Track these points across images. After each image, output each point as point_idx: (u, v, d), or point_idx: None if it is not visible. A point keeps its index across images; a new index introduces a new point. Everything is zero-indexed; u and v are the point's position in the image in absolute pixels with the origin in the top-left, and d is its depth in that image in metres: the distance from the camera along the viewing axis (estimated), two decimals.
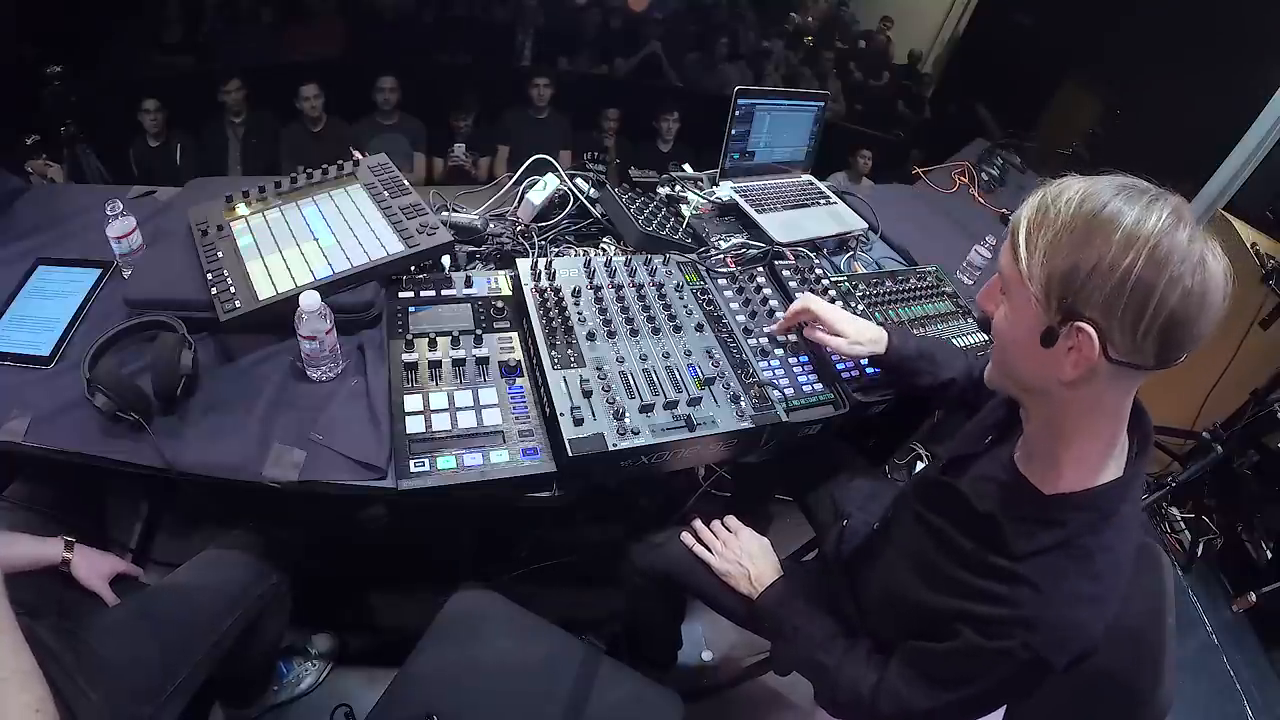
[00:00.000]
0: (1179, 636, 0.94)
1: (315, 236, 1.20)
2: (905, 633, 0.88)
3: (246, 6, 4.16)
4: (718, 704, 1.60)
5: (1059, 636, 0.70)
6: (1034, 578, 0.71)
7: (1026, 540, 0.73)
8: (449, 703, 1.05)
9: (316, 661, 1.55)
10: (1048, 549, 0.72)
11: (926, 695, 0.81)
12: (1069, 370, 0.65)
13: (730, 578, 1.18)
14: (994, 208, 2.18)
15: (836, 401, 1.21)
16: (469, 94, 3.89)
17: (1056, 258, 0.63)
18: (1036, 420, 0.76)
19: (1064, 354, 0.65)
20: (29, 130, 2.57)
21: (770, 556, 1.21)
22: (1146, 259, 0.59)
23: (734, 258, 1.45)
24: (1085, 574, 0.70)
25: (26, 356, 1.09)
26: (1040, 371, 0.69)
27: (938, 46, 5.74)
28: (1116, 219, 0.61)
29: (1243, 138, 2.41)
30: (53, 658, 0.87)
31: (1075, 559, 0.71)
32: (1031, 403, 0.76)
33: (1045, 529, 0.72)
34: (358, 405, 1.07)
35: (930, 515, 0.88)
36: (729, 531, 1.24)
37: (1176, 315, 0.59)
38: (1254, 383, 2.41)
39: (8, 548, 1.00)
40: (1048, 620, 0.70)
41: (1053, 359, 0.66)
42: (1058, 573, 0.71)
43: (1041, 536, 0.72)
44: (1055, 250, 0.64)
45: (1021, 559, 0.72)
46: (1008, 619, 0.71)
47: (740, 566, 1.18)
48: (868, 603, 1.03)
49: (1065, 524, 0.72)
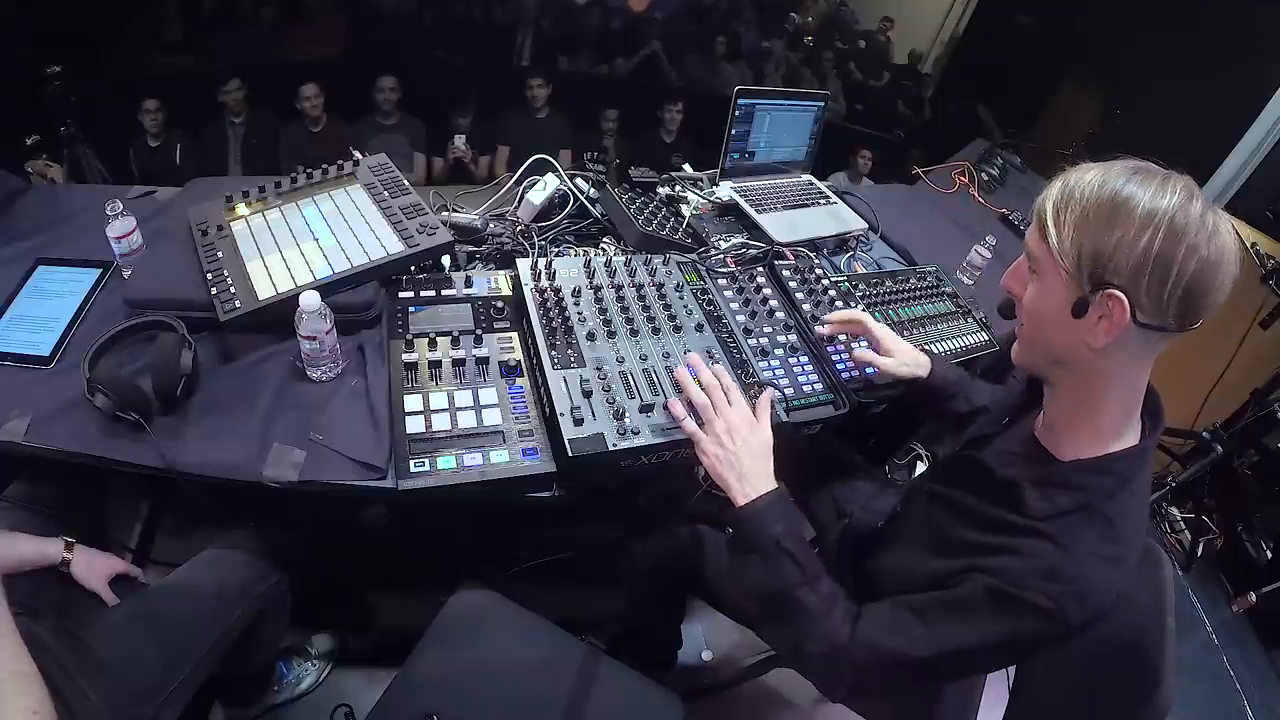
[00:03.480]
0: (1179, 636, 0.94)
1: (315, 236, 1.20)
2: None
3: (246, 6, 4.16)
4: (718, 704, 1.60)
5: (1078, 590, 0.71)
6: (1055, 533, 0.73)
7: (1048, 503, 0.75)
8: (449, 703, 1.05)
9: (316, 661, 1.55)
10: (1068, 511, 0.74)
11: (916, 639, 0.77)
12: (1100, 337, 0.70)
13: (718, 464, 0.93)
14: (994, 208, 2.18)
15: (836, 401, 1.21)
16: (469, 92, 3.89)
17: (1085, 235, 0.69)
18: (1062, 392, 0.79)
19: (1094, 322, 0.70)
20: (29, 130, 2.57)
21: (769, 459, 0.96)
22: (1166, 231, 0.65)
23: (734, 258, 1.45)
24: (1104, 535, 0.73)
25: (26, 356, 1.09)
26: (1071, 341, 0.73)
27: (938, 46, 5.74)
28: (1135, 197, 0.67)
29: (1243, 138, 2.41)
30: (53, 658, 0.86)
31: (1094, 521, 0.74)
32: (1059, 375, 0.79)
33: (1065, 492, 0.76)
34: (358, 405, 1.07)
35: (948, 490, 0.90)
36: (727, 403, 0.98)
37: (1196, 281, 0.65)
38: (1254, 383, 2.42)
39: (8, 548, 1.00)
40: (1067, 573, 0.71)
41: (1084, 327, 0.71)
42: (1077, 531, 0.73)
43: (1061, 499, 0.75)
44: (1083, 228, 0.69)
45: (1042, 520, 0.75)
46: (1028, 569, 0.73)
47: (731, 453, 0.93)
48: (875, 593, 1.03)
49: (1085, 488, 0.75)
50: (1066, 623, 0.71)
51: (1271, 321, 2.24)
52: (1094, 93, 4.00)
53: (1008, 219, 2.12)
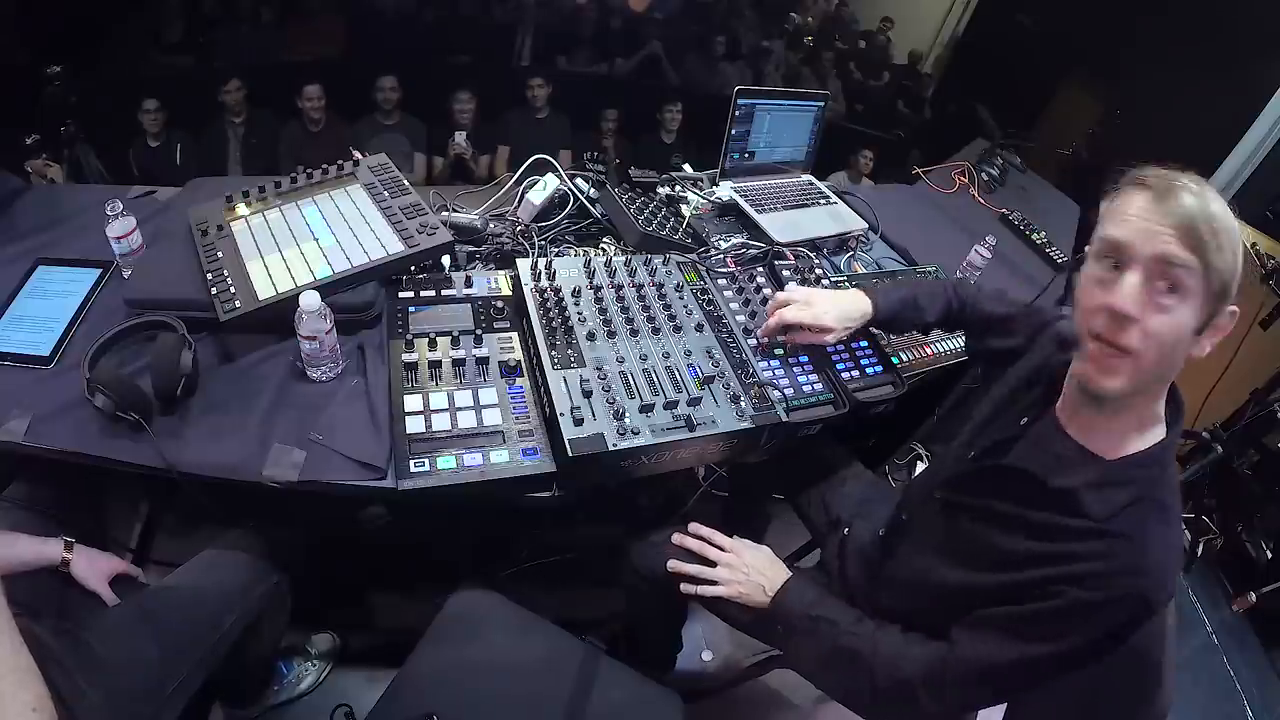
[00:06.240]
0: (1179, 636, 0.94)
1: (315, 236, 1.20)
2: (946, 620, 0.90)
3: (246, 6, 4.15)
4: (718, 704, 1.60)
5: (1159, 578, 0.75)
6: (1124, 530, 0.76)
7: (1104, 504, 0.78)
8: (449, 703, 1.05)
9: (316, 661, 1.55)
10: (1125, 506, 0.77)
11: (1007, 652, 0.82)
12: (1206, 348, 0.74)
13: (746, 598, 1.12)
14: (994, 208, 2.18)
15: (836, 401, 1.21)
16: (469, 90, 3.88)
17: (1228, 256, 0.71)
18: (1132, 400, 0.78)
19: (1206, 336, 0.74)
20: (29, 130, 2.56)
21: (777, 562, 1.17)
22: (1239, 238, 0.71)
23: (734, 258, 1.44)
24: (1161, 518, 0.77)
25: (26, 356, 1.09)
26: (1182, 357, 0.75)
27: (938, 46, 5.73)
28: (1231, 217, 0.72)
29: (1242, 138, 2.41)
30: (53, 658, 0.86)
31: (1150, 507, 0.77)
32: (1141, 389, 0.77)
33: (1117, 489, 0.78)
34: (358, 405, 1.07)
35: (976, 500, 0.90)
36: (726, 552, 1.17)
37: None
38: (1254, 383, 2.42)
39: (8, 548, 1.00)
40: (1147, 565, 0.75)
41: (1195, 343, 0.74)
42: (1141, 522, 0.77)
43: (1116, 497, 0.78)
44: (1228, 249, 0.71)
45: (1105, 520, 0.77)
46: (1114, 570, 0.75)
47: (751, 581, 1.12)
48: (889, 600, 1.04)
49: (1134, 481, 0.78)
50: (1154, 607, 0.75)
51: (1271, 321, 2.24)
52: (1094, 93, 3.99)
53: (1008, 219, 2.12)
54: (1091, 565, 0.76)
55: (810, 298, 1.20)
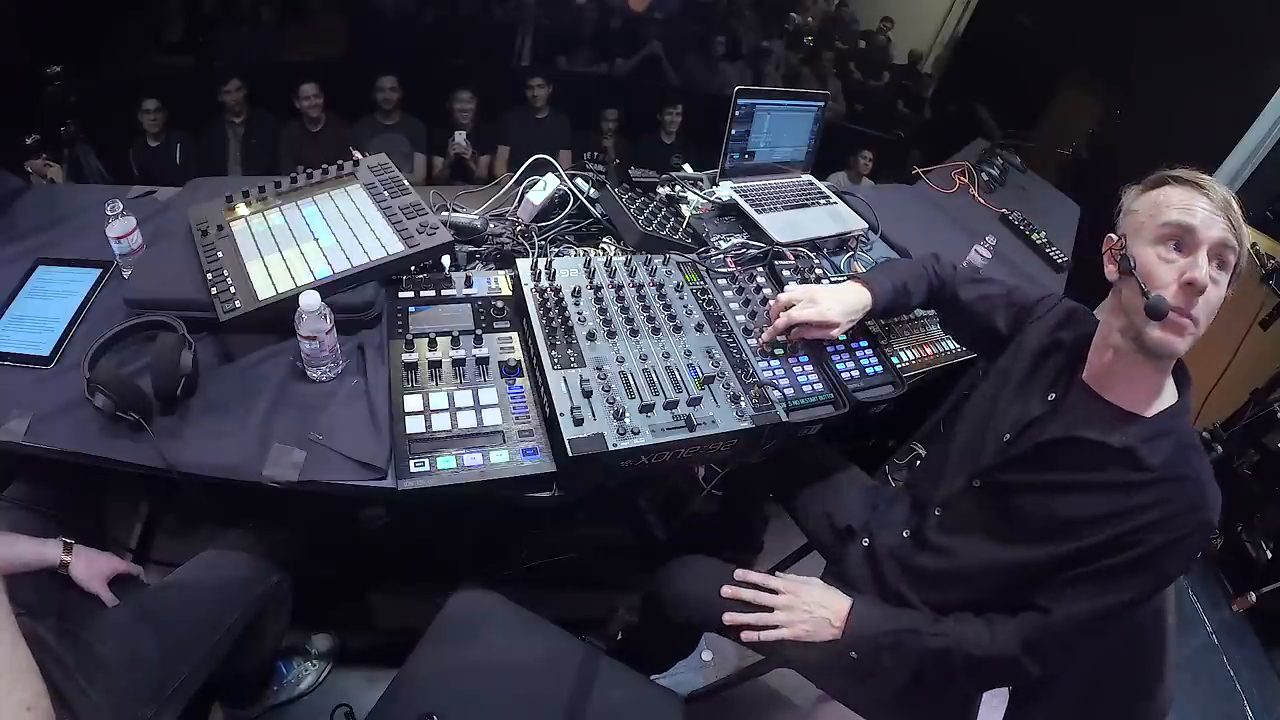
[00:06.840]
0: (1179, 636, 0.94)
1: (315, 236, 1.20)
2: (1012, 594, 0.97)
3: (246, 6, 4.15)
4: (718, 704, 1.60)
5: (1214, 502, 0.86)
6: (1182, 471, 0.87)
7: (1158, 455, 0.88)
8: (449, 703, 1.05)
9: (316, 661, 1.55)
10: (1173, 453, 0.88)
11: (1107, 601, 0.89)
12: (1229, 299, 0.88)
13: (812, 635, 1.07)
14: (994, 208, 2.18)
15: (836, 401, 1.21)
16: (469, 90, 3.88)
17: (1245, 240, 0.88)
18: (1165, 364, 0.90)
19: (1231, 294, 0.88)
20: (29, 130, 2.56)
21: (830, 589, 1.12)
22: None
23: (734, 258, 1.45)
24: (1201, 458, 0.89)
25: (26, 356, 1.09)
26: None
27: (938, 46, 5.73)
28: None
29: (1242, 138, 2.41)
30: (53, 658, 0.87)
31: (1191, 447, 0.89)
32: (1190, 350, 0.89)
33: (1163, 439, 0.89)
34: (358, 405, 1.07)
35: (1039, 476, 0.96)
36: (781, 594, 1.12)
37: None
38: (1254, 383, 2.42)
39: (8, 548, 1.00)
40: (1205, 497, 0.86)
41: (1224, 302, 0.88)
42: (1190, 461, 0.88)
43: (1164, 446, 0.89)
44: (1243, 236, 0.88)
45: (1163, 467, 0.88)
46: (1182, 509, 0.86)
47: (815, 618, 1.07)
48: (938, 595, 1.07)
49: (1173, 431, 0.90)
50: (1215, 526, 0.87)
51: (1271, 321, 2.24)
52: (1094, 93, 3.99)
53: (1008, 219, 2.12)
54: (1164, 509, 0.86)
55: (813, 295, 1.22)
